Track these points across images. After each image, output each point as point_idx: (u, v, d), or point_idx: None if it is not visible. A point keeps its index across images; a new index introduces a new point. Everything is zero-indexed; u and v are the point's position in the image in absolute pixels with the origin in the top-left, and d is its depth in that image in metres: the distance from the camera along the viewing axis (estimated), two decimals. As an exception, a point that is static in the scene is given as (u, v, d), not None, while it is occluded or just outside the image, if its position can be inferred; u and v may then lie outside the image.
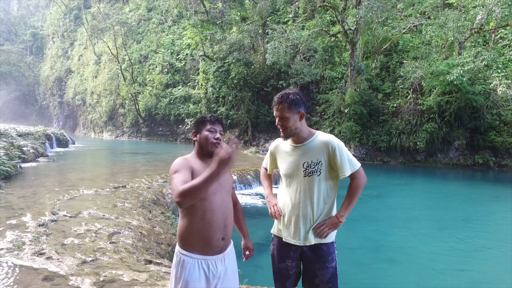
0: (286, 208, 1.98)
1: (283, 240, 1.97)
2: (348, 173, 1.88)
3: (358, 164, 1.93)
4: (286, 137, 1.94)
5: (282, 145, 2.05)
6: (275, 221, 2.06)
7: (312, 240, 1.91)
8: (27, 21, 59.17)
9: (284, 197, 2.01)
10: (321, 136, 1.94)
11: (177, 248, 1.74)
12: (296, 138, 1.94)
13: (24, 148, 10.57)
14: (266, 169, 2.25)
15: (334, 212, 1.97)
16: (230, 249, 1.82)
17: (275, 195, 2.13)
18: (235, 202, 2.01)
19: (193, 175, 1.65)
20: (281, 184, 2.09)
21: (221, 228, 1.71)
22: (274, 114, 1.93)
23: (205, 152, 1.79)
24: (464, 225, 7.16)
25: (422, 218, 7.76)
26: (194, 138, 1.84)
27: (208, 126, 1.80)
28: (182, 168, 1.66)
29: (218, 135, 1.80)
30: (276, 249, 2.03)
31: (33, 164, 9.98)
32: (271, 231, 2.09)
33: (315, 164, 1.88)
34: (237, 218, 2.01)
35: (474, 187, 11.92)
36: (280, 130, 1.93)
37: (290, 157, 1.97)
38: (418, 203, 9.63)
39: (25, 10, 61.68)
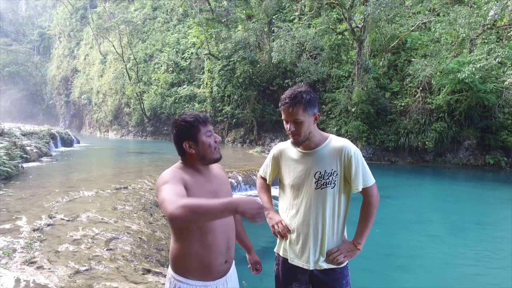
0: (292, 224, 1.70)
1: (289, 261, 1.70)
2: (360, 187, 1.61)
3: (372, 180, 1.65)
4: (298, 144, 1.63)
5: (288, 151, 1.74)
6: (279, 239, 1.79)
7: (324, 265, 1.64)
8: (34, 21, 59.68)
9: (288, 211, 1.72)
10: (335, 141, 1.65)
11: (170, 272, 1.47)
12: (307, 144, 1.64)
13: (27, 148, 10.47)
14: (263, 179, 1.92)
15: (346, 231, 1.73)
16: (232, 271, 1.56)
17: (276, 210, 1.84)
18: None
19: (186, 190, 1.35)
20: (282, 195, 1.78)
21: (223, 251, 1.45)
22: (284, 117, 1.60)
23: (207, 162, 1.49)
24: (477, 228, 6.87)
25: (432, 220, 7.48)
26: (191, 151, 1.46)
27: (204, 130, 1.46)
28: (174, 179, 1.35)
29: (218, 137, 1.50)
30: (281, 271, 1.75)
31: (36, 163, 9.88)
32: (275, 250, 1.82)
33: (329, 174, 1.60)
34: (238, 231, 1.71)
35: (486, 188, 11.57)
36: (291, 136, 1.61)
37: (298, 166, 1.67)
38: (427, 204, 9.34)
39: (33, 11, 62.22)
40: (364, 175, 1.63)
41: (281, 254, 1.77)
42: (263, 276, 1.92)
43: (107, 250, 3.41)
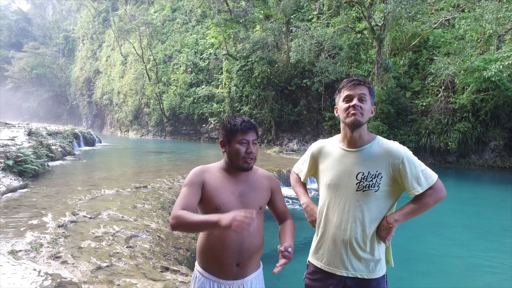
0: (327, 228, 1.59)
1: (323, 269, 1.59)
2: (423, 188, 1.46)
3: (435, 176, 1.49)
4: (356, 125, 1.50)
5: (328, 148, 1.64)
6: (314, 247, 1.67)
7: (358, 275, 1.52)
8: (60, 25, 62.02)
9: (324, 214, 1.61)
10: (384, 142, 1.54)
11: (195, 263, 1.63)
12: (354, 140, 1.54)
13: (53, 147, 10.86)
14: (298, 176, 1.84)
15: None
16: (254, 278, 1.55)
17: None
18: (284, 219, 1.66)
19: (204, 189, 1.50)
20: (320, 196, 1.68)
21: (234, 251, 1.47)
22: (348, 93, 1.51)
23: (236, 167, 1.54)
24: (504, 234, 6.58)
25: (455, 224, 7.22)
26: (223, 149, 1.58)
27: (239, 137, 1.51)
28: (192, 184, 1.49)
29: (251, 149, 1.51)
30: (312, 280, 1.64)
31: (61, 162, 10.25)
32: (308, 259, 1.73)
33: (373, 176, 1.48)
34: (284, 230, 1.63)
35: (514, 191, 11.09)
36: (351, 117, 1.49)
37: (340, 164, 1.56)
38: (450, 207, 9.01)
39: (59, 15, 64.65)
40: (425, 175, 1.48)
41: (313, 262, 1.67)
42: (283, 278, 1.90)
43: (127, 247, 3.49)
